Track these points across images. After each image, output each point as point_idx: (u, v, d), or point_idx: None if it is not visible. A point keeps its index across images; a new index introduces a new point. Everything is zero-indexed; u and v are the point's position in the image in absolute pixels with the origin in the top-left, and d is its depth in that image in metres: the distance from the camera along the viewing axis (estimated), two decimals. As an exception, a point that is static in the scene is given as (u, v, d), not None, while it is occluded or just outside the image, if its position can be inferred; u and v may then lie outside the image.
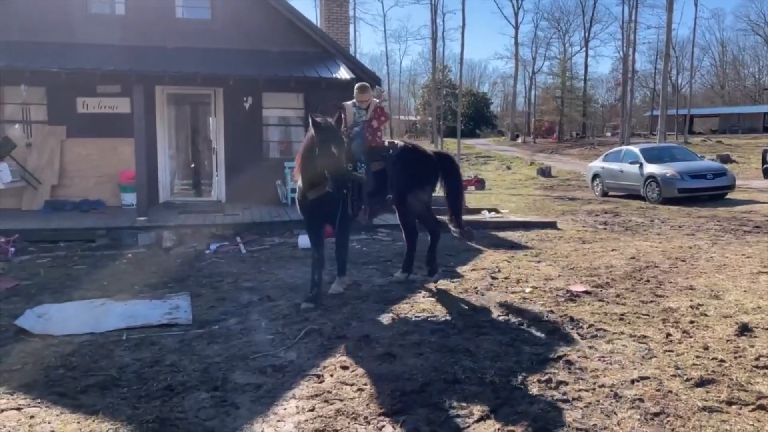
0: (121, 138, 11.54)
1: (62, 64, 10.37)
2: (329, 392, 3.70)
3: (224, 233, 9.53)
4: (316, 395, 3.66)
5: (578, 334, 4.75)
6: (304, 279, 6.64)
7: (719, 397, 3.55)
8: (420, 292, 6.11)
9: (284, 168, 12.28)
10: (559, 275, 6.87)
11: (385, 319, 5.23)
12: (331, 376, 3.96)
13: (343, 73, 11.54)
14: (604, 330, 4.82)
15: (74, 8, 11.72)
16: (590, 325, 4.93)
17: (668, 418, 3.30)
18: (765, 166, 16.18)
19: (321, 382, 3.88)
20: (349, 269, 7.15)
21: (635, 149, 17.26)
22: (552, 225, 11.07)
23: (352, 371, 4.03)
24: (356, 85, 6.47)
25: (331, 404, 3.54)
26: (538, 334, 4.76)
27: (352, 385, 3.81)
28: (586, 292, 6.03)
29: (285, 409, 3.49)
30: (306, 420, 3.34)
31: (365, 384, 3.81)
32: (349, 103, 6.36)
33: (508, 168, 34.15)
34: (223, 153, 12.62)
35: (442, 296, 5.98)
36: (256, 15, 12.58)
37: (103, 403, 3.56)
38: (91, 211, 11.04)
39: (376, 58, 69.05)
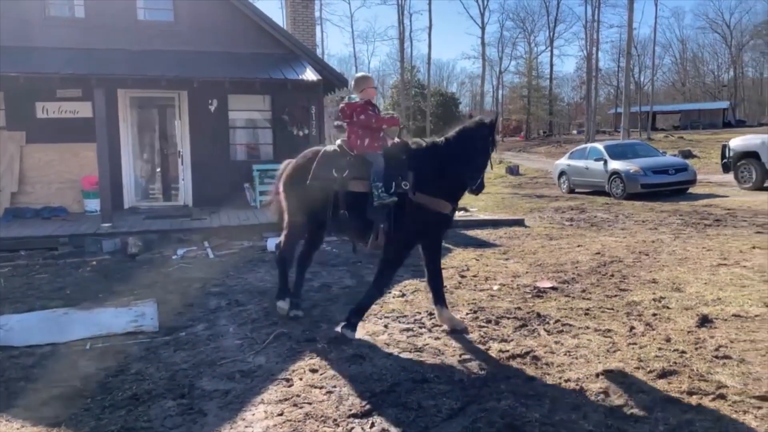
0: (83, 143, 11.37)
1: (20, 68, 10.10)
2: (298, 396, 3.69)
3: (191, 238, 9.41)
4: (285, 399, 3.64)
5: (545, 329, 4.82)
6: (273, 282, 6.59)
7: (681, 387, 3.64)
8: (389, 293, 6.12)
9: (252, 170, 12.17)
10: (527, 272, 6.96)
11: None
12: (301, 379, 3.94)
13: (310, 75, 11.50)
14: (570, 325, 4.90)
15: (32, 11, 11.46)
16: (556, 321, 5.01)
17: (632, 410, 3.37)
18: (725, 160, 16.58)
19: (290, 386, 3.85)
20: (319, 271, 7.15)
21: (600, 146, 17.58)
22: (520, 222, 11.21)
23: (322, 374, 4.02)
24: (357, 77, 5.26)
25: (300, 408, 3.52)
26: (506, 330, 4.81)
27: (321, 387, 3.80)
28: (553, 288, 6.12)
29: (253, 414, 3.46)
30: (275, 425, 3.32)
31: (334, 386, 3.81)
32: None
33: (477, 167, 34.37)
34: (189, 156, 12.47)
35: (411, 296, 6.00)
36: (220, 17, 12.46)
37: (65, 414, 3.49)
38: (53, 218, 10.80)
39: (345, 59, 68.63)
